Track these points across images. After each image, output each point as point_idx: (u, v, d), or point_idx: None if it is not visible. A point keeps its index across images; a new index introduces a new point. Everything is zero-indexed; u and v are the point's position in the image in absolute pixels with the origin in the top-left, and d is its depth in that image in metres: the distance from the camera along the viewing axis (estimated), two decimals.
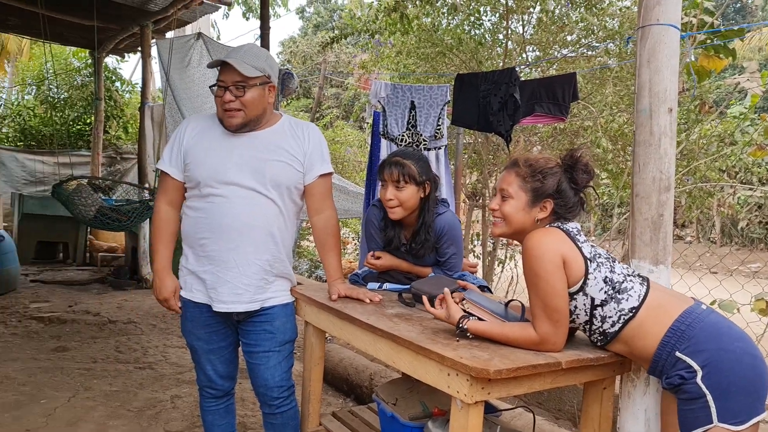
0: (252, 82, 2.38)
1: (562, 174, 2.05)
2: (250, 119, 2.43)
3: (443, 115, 4.66)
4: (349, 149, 13.31)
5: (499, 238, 2.48)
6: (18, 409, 3.75)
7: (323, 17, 32.69)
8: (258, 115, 2.45)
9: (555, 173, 2.04)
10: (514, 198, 2.06)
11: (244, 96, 2.37)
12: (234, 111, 2.39)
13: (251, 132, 2.47)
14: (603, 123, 5.77)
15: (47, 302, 7.00)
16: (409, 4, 6.25)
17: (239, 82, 2.36)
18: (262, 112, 2.46)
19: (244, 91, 2.37)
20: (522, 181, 2.05)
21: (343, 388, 4.41)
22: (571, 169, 2.06)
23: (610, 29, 5.98)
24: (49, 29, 7.65)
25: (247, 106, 2.39)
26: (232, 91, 2.37)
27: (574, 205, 2.04)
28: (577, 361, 1.92)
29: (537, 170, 2.04)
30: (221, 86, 2.39)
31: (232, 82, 2.36)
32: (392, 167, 2.67)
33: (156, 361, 4.93)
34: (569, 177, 2.05)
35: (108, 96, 11.55)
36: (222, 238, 2.40)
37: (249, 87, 2.38)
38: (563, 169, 2.07)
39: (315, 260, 10.89)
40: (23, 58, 18.82)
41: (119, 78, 13.15)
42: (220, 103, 2.40)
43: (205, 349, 2.58)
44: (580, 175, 2.04)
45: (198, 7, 7.56)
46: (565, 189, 2.03)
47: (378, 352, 2.21)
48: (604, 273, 1.92)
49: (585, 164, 2.06)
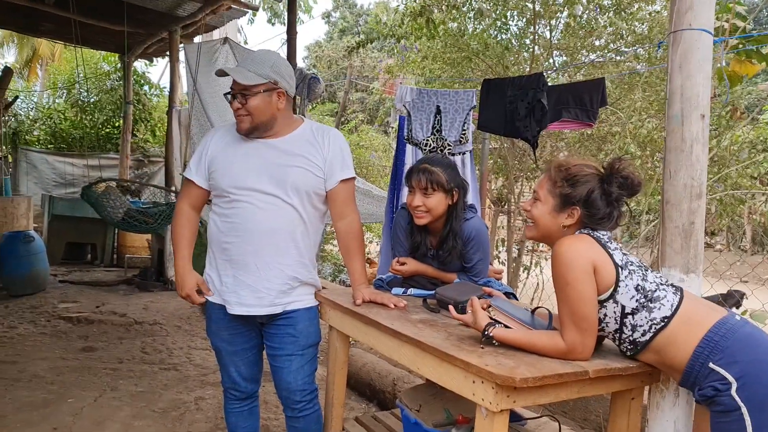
0: (255, 90, 2.42)
1: (596, 183, 1.99)
2: (257, 124, 2.46)
3: (469, 120, 4.63)
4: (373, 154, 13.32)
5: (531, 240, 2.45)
6: (46, 407, 3.81)
7: (349, 22, 32.82)
8: (266, 121, 2.47)
9: (587, 181, 1.98)
10: (543, 202, 2.04)
11: (247, 103, 2.43)
12: (242, 116, 2.45)
13: (271, 139, 2.49)
14: (631, 129, 5.70)
15: (75, 302, 7.10)
16: (435, 9, 6.24)
17: (243, 89, 2.43)
18: (270, 118, 2.48)
19: (247, 99, 2.43)
20: (552, 185, 2.03)
21: (366, 393, 4.39)
22: (607, 179, 1.99)
23: (639, 34, 5.91)
24: (80, 34, 7.78)
25: (253, 112, 2.44)
26: (238, 98, 2.43)
27: (603, 217, 1.98)
28: (605, 370, 1.89)
29: (568, 176, 2.00)
30: (231, 93, 2.46)
31: (238, 90, 2.43)
32: (420, 174, 2.66)
33: (181, 362, 4.96)
34: (603, 187, 1.98)
35: (136, 100, 11.72)
36: (244, 242, 2.43)
37: (252, 94, 2.42)
38: (600, 178, 2.00)
39: (339, 264, 10.91)
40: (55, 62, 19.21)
41: (147, 82, 13.33)
42: (232, 109, 2.47)
43: (228, 351, 2.60)
44: (614, 186, 1.97)
45: (225, 12, 7.63)
46: (595, 199, 1.97)
47: (402, 357, 2.20)
48: (635, 281, 1.88)
49: (624, 177, 1.97)
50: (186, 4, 7.54)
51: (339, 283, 9.85)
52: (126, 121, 10.31)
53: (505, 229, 7.34)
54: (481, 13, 6.38)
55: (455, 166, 2.79)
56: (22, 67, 19.96)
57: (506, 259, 6.99)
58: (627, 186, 1.98)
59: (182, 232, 2.60)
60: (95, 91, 13.05)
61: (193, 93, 6.61)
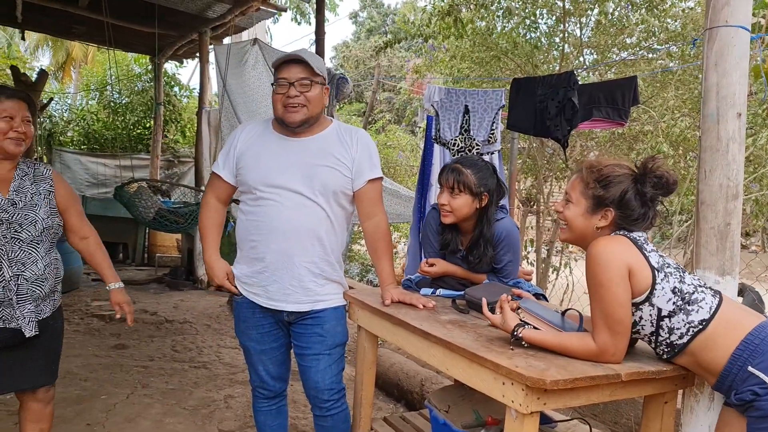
0: (316, 80, 2.44)
1: (630, 183, 1.95)
2: (310, 116, 2.47)
3: (497, 120, 4.60)
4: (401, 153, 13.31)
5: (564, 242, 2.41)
6: (80, 403, 3.88)
7: (376, 22, 32.84)
8: (317, 114, 2.50)
9: (620, 182, 1.94)
10: (574, 203, 2.01)
11: (309, 92, 2.42)
12: (298, 106, 2.43)
13: (302, 137, 2.50)
14: (664, 127, 5.60)
15: (108, 301, 7.19)
16: (464, 8, 6.21)
17: (304, 78, 2.42)
18: (319, 113, 2.51)
19: (310, 88, 2.42)
20: (584, 187, 1.99)
21: (394, 393, 4.39)
22: (641, 179, 1.95)
23: (673, 31, 5.81)
24: (113, 37, 7.90)
25: (311, 102, 2.44)
26: (296, 87, 2.41)
27: (638, 218, 1.94)
28: (638, 373, 1.86)
29: (600, 177, 1.97)
30: (284, 83, 2.42)
31: (297, 79, 2.41)
32: (449, 173, 2.67)
33: (210, 360, 5.01)
34: (637, 187, 1.94)
35: (167, 101, 11.86)
36: (270, 240, 2.45)
37: (314, 84, 2.43)
38: (633, 178, 1.96)
39: (366, 264, 10.92)
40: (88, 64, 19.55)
41: (177, 83, 13.49)
42: (281, 99, 2.43)
43: (257, 350, 2.61)
44: (648, 186, 1.93)
45: (254, 13, 7.69)
46: (629, 200, 1.93)
47: (431, 358, 2.19)
48: (672, 283, 1.85)
49: (658, 176, 1.93)
50: (216, 6, 7.62)
51: (367, 283, 9.87)
52: (157, 122, 10.45)
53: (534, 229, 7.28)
54: (510, 12, 6.34)
55: (491, 170, 2.74)
56: (57, 70, 20.35)
57: (535, 260, 6.93)
58: (662, 185, 1.94)
59: (209, 223, 2.63)
60: (127, 93, 13.24)
61: (223, 93, 6.68)
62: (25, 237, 2.33)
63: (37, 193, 2.40)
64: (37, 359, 2.44)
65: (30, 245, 2.34)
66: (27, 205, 2.36)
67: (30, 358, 2.42)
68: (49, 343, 2.50)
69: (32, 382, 2.46)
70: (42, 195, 2.42)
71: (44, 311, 2.42)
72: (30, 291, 2.33)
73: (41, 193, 2.42)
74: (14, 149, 2.34)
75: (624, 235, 1.93)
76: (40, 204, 2.39)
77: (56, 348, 2.57)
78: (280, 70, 2.45)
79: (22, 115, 2.36)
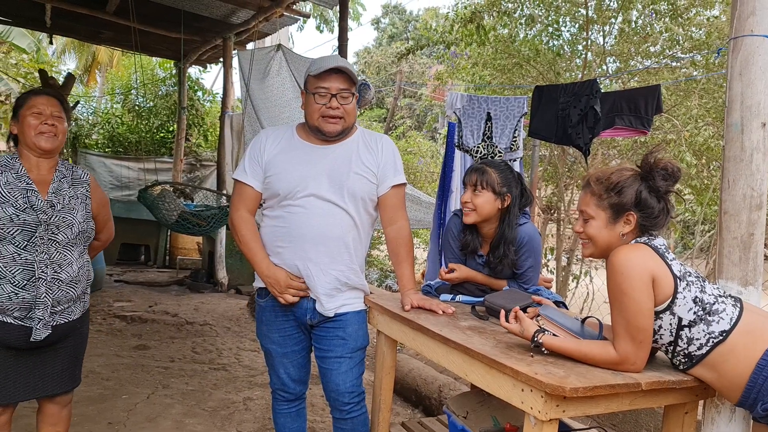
0: (354, 91, 2.46)
1: (640, 183, 1.95)
2: (347, 127, 2.50)
3: (520, 127, 4.60)
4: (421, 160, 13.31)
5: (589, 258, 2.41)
6: (102, 402, 3.93)
7: (398, 28, 32.92)
8: (352, 124, 2.53)
9: (632, 184, 1.95)
10: (594, 218, 2.00)
11: (349, 104, 2.45)
12: (337, 118, 2.44)
13: (330, 144, 2.52)
14: (687, 136, 5.56)
15: (130, 302, 7.32)
16: (486, 15, 6.22)
17: (345, 90, 2.43)
18: (354, 122, 2.54)
19: (350, 100, 2.45)
20: (598, 200, 1.99)
21: (411, 399, 4.40)
22: (649, 176, 1.95)
23: (697, 39, 5.77)
24: (139, 42, 8.04)
25: (349, 114, 2.47)
26: (338, 99, 2.42)
27: (660, 214, 1.94)
28: (658, 383, 1.85)
29: (610, 185, 1.97)
30: (326, 93, 2.43)
31: (338, 90, 2.42)
32: (474, 172, 2.71)
33: (229, 363, 5.06)
34: (648, 185, 1.95)
35: (190, 105, 11.99)
36: (298, 247, 2.46)
37: (351, 95, 2.45)
38: (641, 177, 1.97)
39: (385, 270, 10.93)
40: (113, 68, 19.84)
41: (201, 88, 13.63)
42: (320, 109, 2.44)
43: (279, 353, 2.63)
44: (659, 181, 1.93)
45: (278, 19, 7.77)
46: (646, 198, 1.93)
47: (451, 364, 2.20)
48: (694, 293, 1.84)
49: (664, 167, 1.94)
50: (240, 12, 7.72)
51: (385, 288, 9.88)
52: (180, 126, 10.57)
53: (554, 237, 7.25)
54: (533, 19, 6.34)
55: (516, 175, 2.76)
56: (82, 74, 20.67)
57: (555, 268, 6.89)
58: (670, 175, 1.94)
59: (252, 237, 2.56)
60: (151, 97, 13.41)
61: (246, 99, 6.75)
62: (62, 239, 2.35)
63: (74, 196, 2.43)
64: (62, 363, 2.46)
65: (65, 247, 2.37)
66: (65, 208, 2.38)
67: (55, 362, 2.44)
68: (75, 348, 2.52)
69: (55, 388, 2.47)
70: (79, 199, 2.45)
71: (74, 313, 2.44)
72: (63, 293, 2.35)
73: (78, 196, 2.45)
74: (46, 144, 2.36)
75: (645, 243, 1.92)
76: (77, 207, 2.42)
77: (80, 352, 2.59)
78: (321, 79, 2.43)
79: (52, 110, 2.38)
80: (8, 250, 2.25)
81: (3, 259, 2.25)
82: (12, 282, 2.25)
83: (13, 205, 2.27)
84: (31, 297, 2.27)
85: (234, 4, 7.31)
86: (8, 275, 2.24)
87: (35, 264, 2.28)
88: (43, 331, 2.30)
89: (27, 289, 2.26)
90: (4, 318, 2.27)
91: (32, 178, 2.36)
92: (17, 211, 2.27)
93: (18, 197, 2.29)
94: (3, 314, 2.26)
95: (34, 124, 2.35)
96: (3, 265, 2.24)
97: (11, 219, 2.25)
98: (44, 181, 2.40)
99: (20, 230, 2.26)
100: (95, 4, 7.62)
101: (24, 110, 2.37)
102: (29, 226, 2.28)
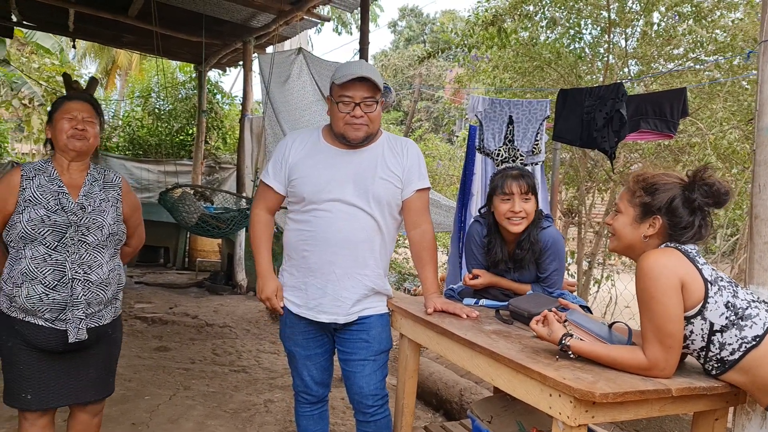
0: (378, 98, 2.46)
1: (678, 191, 1.92)
2: (371, 133, 2.50)
3: (542, 131, 4.57)
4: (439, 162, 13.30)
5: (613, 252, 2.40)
6: (125, 403, 3.96)
7: (415, 31, 32.92)
8: (377, 130, 2.52)
9: (668, 189, 1.93)
10: (623, 213, 2.00)
11: (373, 112, 2.44)
12: (361, 125, 2.44)
13: (355, 149, 2.52)
14: (712, 139, 5.49)
15: (150, 303, 7.38)
16: (507, 18, 6.20)
17: (368, 97, 2.42)
18: (379, 127, 2.54)
19: (375, 107, 2.44)
20: (631, 196, 1.99)
21: (432, 403, 4.38)
22: (690, 187, 1.92)
23: (721, 42, 5.70)
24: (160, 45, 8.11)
25: (373, 121, 2.46)
26: (362, 107, 2.42)
27: (687, 226, 1.90)
28: (689, 389, 1.83)
29: (647, 185, 1.95)
30: (349, 102, 2.43)
31: (362, 98, 2.42)
32: (521, 179, 2.69)
33: (250, 365, 5.08)
34: (686, 195, 1.92)
35: (209, 108, 12.07)
36: (323, 251, 2.46)
37: (376, 102, 2.45)
38: (682, 186, 1.94)
39: (404, 273, 10.92)
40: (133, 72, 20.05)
41: (220, 91, 13.72)
42: (344, 117, 2.44)
43: (302, 355, 2.64)
44: (698, 194, 1.90)
45: (298, 23, 7.80)
46: (677, 207, 1.90)
47: (476, 368, 2.19)
48: (726, 297, 1.82)
49: (709, 184, 1.89)
50: (260, 16, 7.76)
51: (403, 291, 9.87)
52: (200, 129, 10.64)
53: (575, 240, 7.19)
54: (554, 22, 6.30)
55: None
56: (103, 77, 20.90)
57: (576, 272, 6.84)
58: (712, 194, 1.90)
59: (263, 237, 2.64)
60: (171, 100, 13.52)
61: (267, 102, 6.78)
62: (92, 241, 2.37)
63: (105, 199, 2.46)
64: (95, 370, 2.47)
65: (95, 249, 2.38)
66: (95, 210, 2.40)
67: (88, 369, 2.45)
68: (108, 355, 2.53)
69: (89, 395, 2.48)
70: (110, 202, 2.47)
71: (105, 318, 2.45)
72: (94, 294, 2.37)
73: (109, 199, 2.47)
74: (76, 144, 2.38)
75: (675, 247, 1.90)
76: (108, 210, 2.44)
77: (114, 360, 2.60)
78: (345, 87, 2.43)
79: (84, 115, 2.41)
80: (39, 251, 2.28)
81: (34, 259, 2.27)
82: (43, 282, 2.27)
83: (44, 206, 2.30)
84: (62, 298, 2.29)
85: (255, 8, 7.36)
86: (39, 276, 2.27)
87: (66, 264, 2.30)
88: (82, 331, 2.32)
89: (57, 290, 2.29)
90: (35, 320, 2.29)
91: (64, 181, 2.39)
92: (48, 213, 2.29)
93: (49, 199, 2.32)
94: (33, 316, 2.29)
95: (66, 127, 2.38)
96: (34, 265, 2.27)
97: (42, 220, 2.28)
98: (76, 184, 2.42)
99: (51, 231, 2.29)
100: (117, 9, 7.71)
101: (58, 114, 2.40)
102: (59, 228, 2.30)
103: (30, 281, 2.27)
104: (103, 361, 2.51)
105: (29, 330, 2.30)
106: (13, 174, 2.35)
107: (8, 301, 2.31)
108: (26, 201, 2.29)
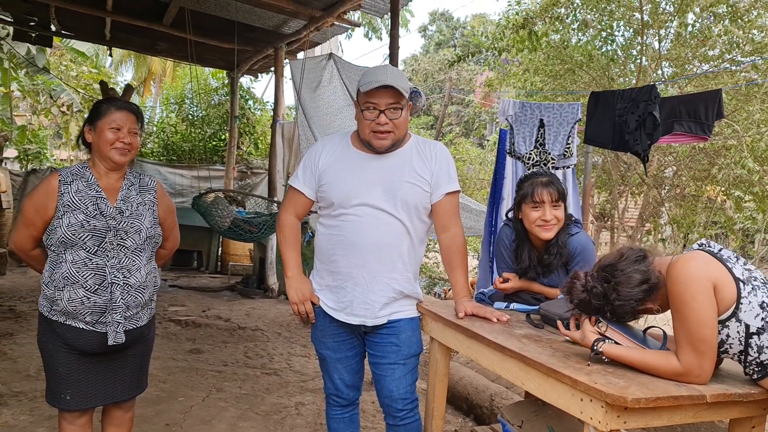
0: (404, 103, 2.45)
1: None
2: (397, 140, 2.50)
3: (573, 134, 4.53)
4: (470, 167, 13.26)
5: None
6: (159, 404, 4.03)
7: (445, 35, 32.92)
8: (403, 135, 2.53)
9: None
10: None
11: (399, 118, 2.44)
12: (386, 133, 2.45)
13: (384, 154, 2.53)
14: (748, 142, 5.38)
15: (183, 306, 7.49)
16: (538, 21, 6.16)
17: (393, 104, 2.42)
18: (405, 132, 2.54)
19: (400, 113, 2.44)
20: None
21: (463, 407, 4.36)
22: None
23: (758, 42, 5.59)
24: (193, 52, 8.25)
25: (399, 127, 2.46)
26: (386, 114, 2.43)
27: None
28: (724, 395, 1.80)
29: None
30: (374, 109, 2.44)
31: (386, 105, 2.42)
32: (550, 187, 2.67)
33: (281, 368, 5.12)
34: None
35: (241, 114, 12.21)
36: (352, 255, 2.49)
37: (401, 108, 2.45)
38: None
39: (434, 277, 10.90)
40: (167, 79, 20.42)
41: (252, 97, 13.87)
42: (370, 125, 2.45)
43: (333, 358, 2.66)
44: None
45: (329, 28, 7.86)
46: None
47: (506, 372, 2.18)
48: (761, 297, 1.78)
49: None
50: (291, 22, 7.84)
51: (433, 295, 9.85)
52: (232, 135, 10.77)
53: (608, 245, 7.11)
54: (586, 25, 6.25)
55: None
56: (139, 84, 21.32)
57: None
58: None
59: (291, 241, 2.67)
60: (204, 106, 13.71)
61: (298, 107, 6.85)
62: (130, 245, 2.41)
63: (142, 203, 2.50)
64: (131, 369, 2.53)
65: (134, 253, 2.43)
66: (133, 214, 2.44)
67: (125, 369, 2.50)
68: (143, 355, 2.59)
69: (125, 393, 2.54)
70: (147, 205, 2.51)
71: (142, 319, 2.49)
72: (132, 297, 2.42)
73: (146, 203, 2.51)
74: (119, 159, 2.42)
75: (701, 249, 1.87)
76: (145, 214, 2.48)
77: (147, 359, 2.65)
78: (369, 94, 2.43)
79: (129, 126, 2.43)
80: (80, 255, 2.33)
81: (75, 264, 2.32)
82: (84, 286, 2.32)
83: (83, 211, 2.34)
84: (102, 302, 2.34)
85: (286, 15, 7.44)
86: (80, 280, 2.32)
87: (106, 269, 2.35)
88: (120, 334, 2.37)
89: (98, 293, 2.33)
90: (76, 323, 2.34)
91: (102, 186, 2.43)
92: (87, 218, 2.33)
93: (88, 204, 2.36)
94: (74, 319, 2.34)
95: (111, 138, 2.39)
96: (75, 270, 2.32)
97: (82, 225, 2.32)
98: (113, 189, 2.46)
99: (90, 236, 2.33)
100: (152, 17, 7.86)
101: (102, 122, 2.41)
102: (99, 232, 2.35)
103: (71, 285, 2.31)
104: (138, 361, 2.57)
105: (70, 333, 2.35)
106: (51, 179, 2.39)
107: (49, 304, 2.36)
108: (65, 206, 2.33)
